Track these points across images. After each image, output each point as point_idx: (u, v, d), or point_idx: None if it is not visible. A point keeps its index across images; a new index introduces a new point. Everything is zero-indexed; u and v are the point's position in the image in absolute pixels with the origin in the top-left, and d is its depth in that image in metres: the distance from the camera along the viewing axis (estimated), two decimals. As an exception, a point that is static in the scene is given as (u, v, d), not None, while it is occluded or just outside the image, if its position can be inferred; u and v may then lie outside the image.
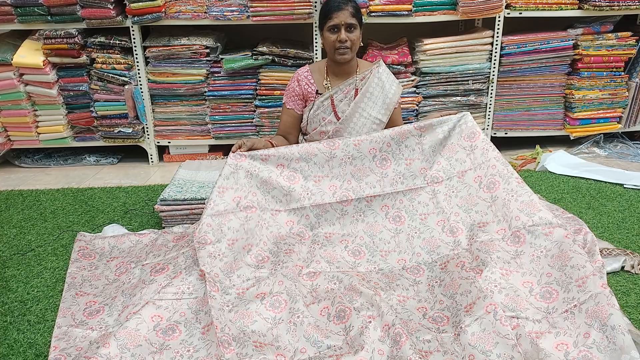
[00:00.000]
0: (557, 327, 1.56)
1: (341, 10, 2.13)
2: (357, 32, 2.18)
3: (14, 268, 2.16)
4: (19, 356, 1.64)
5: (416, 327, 1.63)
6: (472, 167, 2.04)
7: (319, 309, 1.71)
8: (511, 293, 1.68)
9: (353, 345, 1.55)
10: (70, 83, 3.24)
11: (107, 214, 2.66)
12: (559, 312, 1.62)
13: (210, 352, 1.55)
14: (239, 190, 2.01)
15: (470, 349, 1.50)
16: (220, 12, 3.12)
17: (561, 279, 1.70)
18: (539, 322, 1.58)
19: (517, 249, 1.83)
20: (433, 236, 1.98)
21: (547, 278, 1.72)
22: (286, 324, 1.64)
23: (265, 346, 1.56)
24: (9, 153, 3.45)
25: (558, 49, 3.24)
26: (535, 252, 1.80)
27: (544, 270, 1.75)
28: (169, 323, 1.65)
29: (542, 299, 1.68)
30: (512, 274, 1.76)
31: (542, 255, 1.79)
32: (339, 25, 2.14)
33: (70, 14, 3.10)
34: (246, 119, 3.37)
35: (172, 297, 1.73)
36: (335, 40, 2.16)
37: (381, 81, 2.28)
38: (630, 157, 3.31)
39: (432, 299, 1.76)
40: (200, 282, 1.79)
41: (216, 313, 1.63)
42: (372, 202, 2.08)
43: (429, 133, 2.12)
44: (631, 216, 2.47)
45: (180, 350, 1.58)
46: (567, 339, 1.52)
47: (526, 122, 3.45)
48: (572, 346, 1.50)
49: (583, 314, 1.56)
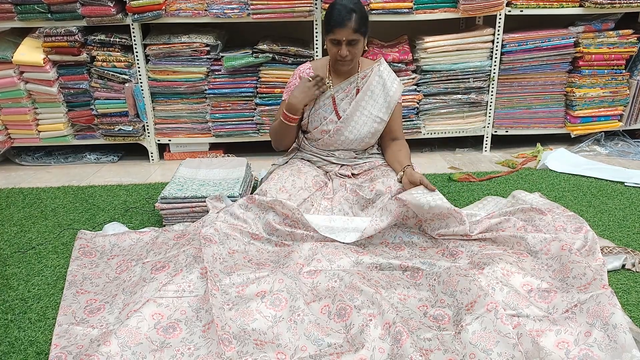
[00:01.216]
0: (558, 325, 1.56)
1: (344, 28, 2.08)
2: (359, 44, 2.16)
3: (14, 266, 2.16)
4: (19, 354, 1.64)
5: (417, 325, 1.63)
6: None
7: (320, 307, 1.71)
8: (512, 291, 1.69)
9: (354, 344, 1.55)
10: (71, 81, 3.24)
11: (107, 212, 2.66)
12: (559, 312, 1.63)
13: (211, 350, 1.55)
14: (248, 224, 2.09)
15: (471, 347, 1.49)
16: (220, 9, 3.11)
17: (562, 287, 1.74)
18: (539, 321, 1.58)
19: (519, 257, 1.89)
20: (432, 257, 1.99)
21: (548, 285, 1.76)
22: (287, 322, 1.64)
23: (266, 344, 1.56)
24: (10, 151, 3.44)
25: (559, 46, 3.23)
26: (536, 265, 1.87)
27: (545, 279, 1.79)
28: (169, 321, 1.65)
29: (541, 299, 1.69)
30: (513, 275, 1.78)
31: (542, 268, 1.85)
32: (341, 40, 2.12)
33: (70, 11, 3.10)
34: (247, 117, 3.37)
35: (173, 295, 1.73)
36: (336, 52, 2.16)
37: (382, 79, 2.28)
38: (631, 155, 3.31)
39: (433, 298, 1.77)
40: (201, 280, 1.79)
41: (217, 312, 1.63)
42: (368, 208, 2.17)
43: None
44: (632, 214, 2.47)
45: (180, 348, 1.58)
46: (568, 337, 1.52)
47: (527, 120, 3.45)
48: (572, 344, 1.50)
49: (584, 314, 1.57)
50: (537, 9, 3.19)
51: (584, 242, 2.04)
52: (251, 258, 1.98)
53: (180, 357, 1.55)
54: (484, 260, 1.84)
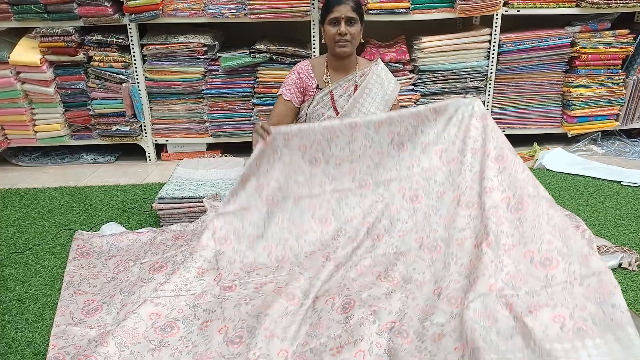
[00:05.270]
0: (554, 299, 1.55)
1: (342, 4, 2.15)
2: (357, 26, 2.20)
3: (11, 267, 2.15)
4: (17, 355, 1.64)
5: (432, 310, 1.65)
6: (484, 144, 2.02)
7: (325, 299, 1.73)
8: (512, 270, 1.66)
9: (352, 335, 1.56)
10: (68, 81, 3.23)
11: (104, 212, 2.66)
12: (557, 280, 1.60)
13: (210, 347, 1.56)
14: (260, 178, 2.03)
15: (472, 322, 1.50)
16: (217, 9, 3.11)
17: (562, 250, 1.67)
18: (537, 295, 1.57)
19: (519, 216, 1.80)
20: (449, 212, 1.97)
21: (548, 245, 1.69)
22: (294, 316, 1.66)
23: (274, 337, 1.58)
24: (6, 151, 3.44)
25: (556, 46, 3.24)
26: (536, 218, 1.77)
27: (545, 237, 1.71)
28: (167, 320, 1.66)
29: (542, 267, 1.65)
30: (515, 248, 1.73)
31: (543, 221, 1.75)
32: (340, 18, 2.16)
33: (67, 11, 3.09)
34: (244, 117, 3.37)
35: (170, 295, 1.74)
36: (335, 33, 2.18)
37: (380, 78, 2.29)
38: (627, 154, 3.32)
39: (448, 277, 1.76)
40: (197, 279, 1.81)
41: (231, 312, 1.68)
42: (390, 185, 2.09)
43: (442, 115, 2.11)
44: (628, 213, 2.48)
45: (179, 346, 1.58)
46: (564, 311, 1.52)
47: (524, 119, 3.45)
48: (568, 318, 1.50)
49: (584, 288, 1.55)
50: (534, 9, 3.19)
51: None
52: (272, 249, 1.99)
53: (178, 355, 1.55)
54: (489, 225, 1.79)
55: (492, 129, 2.04)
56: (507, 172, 1.92)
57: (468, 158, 2.02)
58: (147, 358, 1.54)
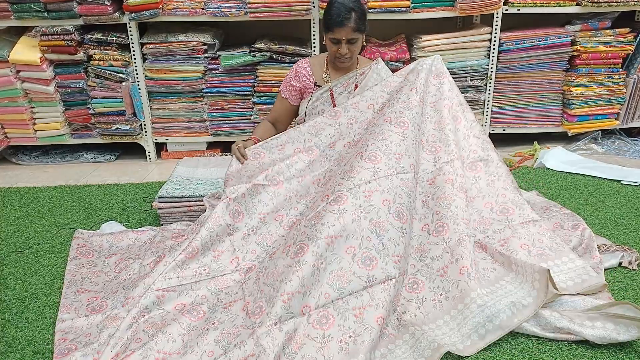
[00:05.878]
0: (517, 233, 1.93)
1: (343, 27, 2.09)
2: (358, 42, 2.18)
3: (11, 265, 2.15)
4: (17, 353, 1.64)
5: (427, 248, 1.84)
6: (442, 98, 2.18)
7: (345, 246, 1.72)
8: (477, 217, 1.99)
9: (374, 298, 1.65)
10: (67, 80, 3.23)
11: (104, 211, 2.66)
12: (516, 222, 1.97)
13: (236, 323, 1.64)
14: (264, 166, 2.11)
15: (459, 255, 1.74)
16: (217, 8, 3.11)
17: (515, 200, 2.05)
18: (503, 232, 1.94)
19: (475, 175, 2.10)
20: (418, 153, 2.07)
21: (502, 198, 2.05)
22: (310, 267, 1.66)
23: (294, 297, 1.61)
24: (6, 150, 3.44)
25: (556, 45, 3.24)
26: (489, 177, 2.10)
27: (499, 192, 2.07)
28: (192, 306, 1.74)
29: (501, 213, 2.01)
30: (475, 200, 2.04)
31: (495, 179, 2.10)
32: (340, 40, 2.14)
33: (67, 10, 3.09)
34: (244, 115, 3.37)
35: (191, 280, 1.81)
36: (335, 51, 2.17)
37: (380, 77, 2.29)
38: (628, 153, 3.32)
39: (431, 215, 1.91)
40: (215, 263, 1.88)
41: (250, 287, 1.76)
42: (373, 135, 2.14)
43: (406, 77, 2.22)
44: (629, 212, 2.48)
45: (206, 325, 1.67)
46: (527, 242, 1.90)
47: (524, 118, 3.45)
48: (531, 246, 1.89)
49: (537, 227, 1.96)
50: (535, 7, 3.19)
51: (580, 240, 2.05)
52: (283, 218, 2.00)
53: (206, 333, 1.62)
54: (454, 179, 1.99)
55: (450, 85, 2.23)
56: (461, 134, 2.15)
57: (428, 110, 2.17)
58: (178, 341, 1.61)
